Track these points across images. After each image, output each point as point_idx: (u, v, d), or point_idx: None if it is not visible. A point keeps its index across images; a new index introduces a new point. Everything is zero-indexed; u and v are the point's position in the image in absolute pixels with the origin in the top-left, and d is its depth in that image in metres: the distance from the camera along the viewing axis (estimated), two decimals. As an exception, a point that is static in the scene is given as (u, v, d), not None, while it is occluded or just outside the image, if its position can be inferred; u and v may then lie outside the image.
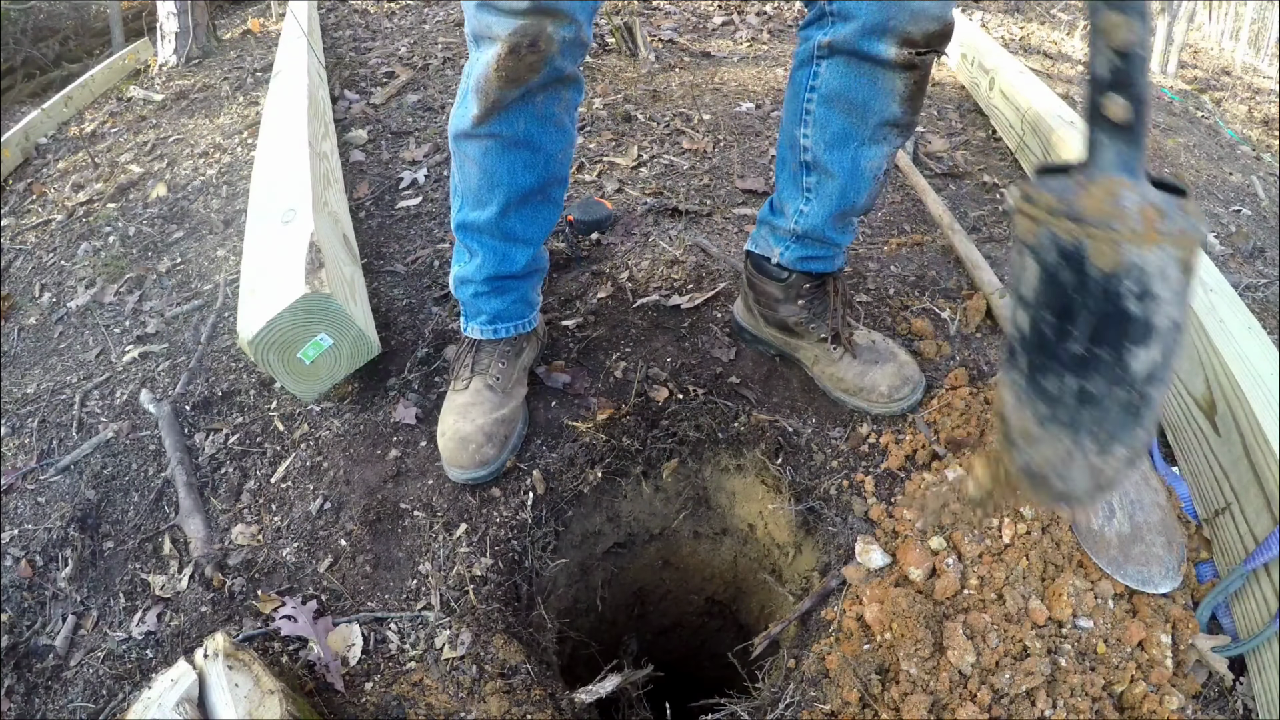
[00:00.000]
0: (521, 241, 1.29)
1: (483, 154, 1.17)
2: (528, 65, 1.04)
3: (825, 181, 1.23)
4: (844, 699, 1.05)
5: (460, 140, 1.17)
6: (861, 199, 1.25)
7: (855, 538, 1.23)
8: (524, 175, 1.19)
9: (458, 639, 1.14)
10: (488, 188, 1.20)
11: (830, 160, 1.20)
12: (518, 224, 1.26)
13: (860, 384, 1.37)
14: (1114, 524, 1.15)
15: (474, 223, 1.26)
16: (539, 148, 1.17)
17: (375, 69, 2.92)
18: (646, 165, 2.19)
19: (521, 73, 1.05)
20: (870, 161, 1.20)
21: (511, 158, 1.17)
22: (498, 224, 1.25)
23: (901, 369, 1.37)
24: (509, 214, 1.24)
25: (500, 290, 1.34)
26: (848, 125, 1.16)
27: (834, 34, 1.09)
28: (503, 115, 1.11)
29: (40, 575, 1.27)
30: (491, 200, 1.22)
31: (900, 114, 1.14)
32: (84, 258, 2.10)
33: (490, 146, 1.15)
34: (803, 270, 1.36)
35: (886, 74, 1.09)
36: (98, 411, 1.55)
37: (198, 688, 0.97)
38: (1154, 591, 1.10)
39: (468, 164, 1.20)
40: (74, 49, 4.57)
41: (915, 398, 1.37)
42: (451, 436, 1.30)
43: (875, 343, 1.41)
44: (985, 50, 2.59)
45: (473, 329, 1.38)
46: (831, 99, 1.15)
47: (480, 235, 1.27)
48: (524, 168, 1.18)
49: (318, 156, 1.83)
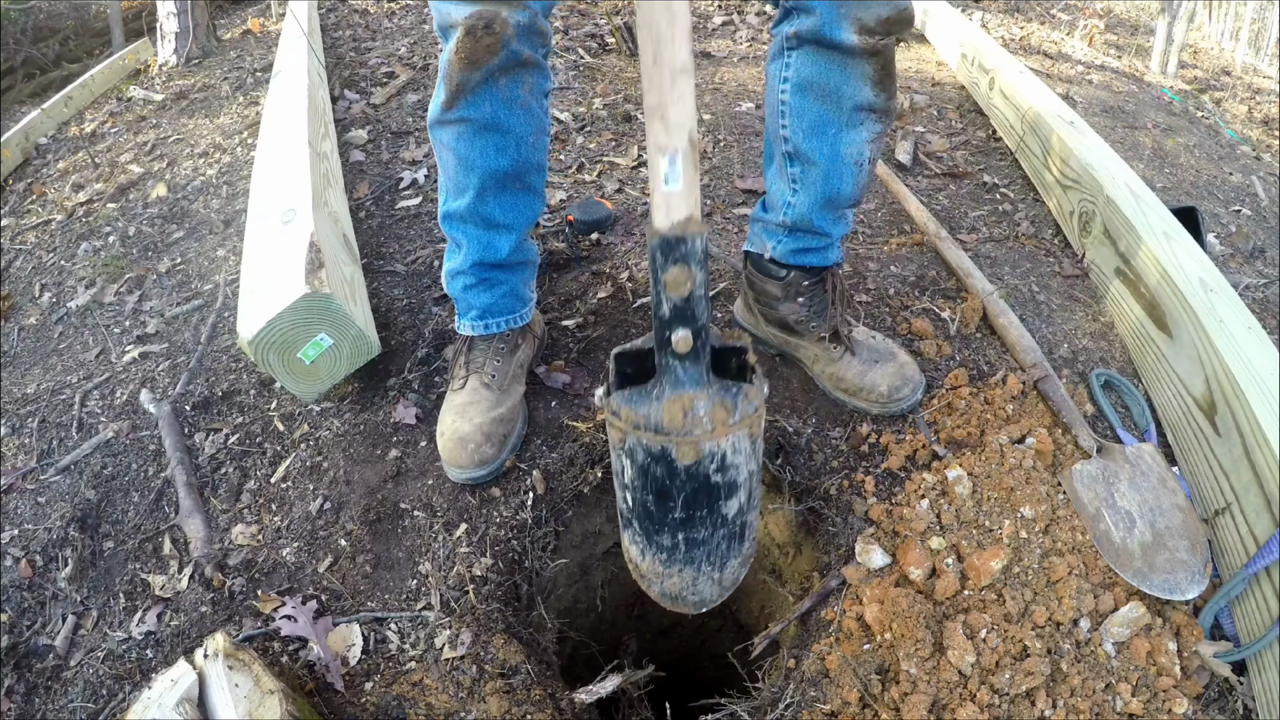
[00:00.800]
0: (502, 228, 1.31)
1: (455, 139, 1.20)
2: (485, 47, 1.10)
3: (809, 170, 1.26)
4: (844, 699, 1.05)
5: (435, 129, 1.21)
6: (847, 186, 1.27)
7: (855, 538, 1.23)
8: (496, 158, 1.22)
9: (458, 639, 1.14)
10: (463, 172, 1.23)
11: (810, 148, 1.23)
12: (496, 210, 1.28)
13: (860, 384, 1.37)
14: (1136, 534, 1.14)
15: (456, 211, 1.28)
16: (508, 130, 1.20)
17: (375, 69, 2.92)
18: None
19: (479, 54, 1.10)
20: (849, 147, 1.23)
21: (483, 141, 1.20)
22: (476, 209, 1.27)
23: (901, 369, 1.37)
24: (486, 199, 1.26)
25: (488, 282, 1.35)
26: (823, 112, 1.20)
27: (798, 25, 1.15)
28: (469, 100, 1.15)
29: (40, 575, 1.27)
30: (469, 186, 1.25)
31: (873, 97, 1.18)
32: (84, 258, 2.10)
33: (462, 131, 1.19)
34: (798, 265, 1.36)
35: (852, 60, 1.14)
36: (98, 411, 1.55)
37: (198, 688, 0.97)
38: (1182, 598, 1.09)
39: (444, 152, 1.24)
40: (74, 49, 4.58)
41: (915, 398, 1.38)
42: (450, 436, 1.30)
43: (875, 342, 1.42)
44: (985, 50, 2.59)
45: (465, 325, 1.39)
46: (804, 87, 1.20)
47: (463, 224, 1.30)
48: (496, 151, 1.22)
49: (318, 156, 1.83)
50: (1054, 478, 1.25)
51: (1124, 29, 4.10)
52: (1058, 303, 1.66)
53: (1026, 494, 1.21)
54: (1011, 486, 1.21)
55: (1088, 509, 1.19)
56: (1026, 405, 1.37)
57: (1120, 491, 1.20)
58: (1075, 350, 1.53)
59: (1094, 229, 1.71)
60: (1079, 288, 1.72)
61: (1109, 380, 1.46)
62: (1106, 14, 4.14)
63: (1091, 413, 1.39)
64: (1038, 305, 1.64)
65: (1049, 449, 1.28)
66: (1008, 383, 1.40)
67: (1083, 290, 1.71)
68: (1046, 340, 1.53)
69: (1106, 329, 1.60)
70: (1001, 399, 1.37)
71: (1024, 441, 1.31)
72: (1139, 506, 1.17)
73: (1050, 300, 1.66)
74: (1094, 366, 1.49)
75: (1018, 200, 2.06)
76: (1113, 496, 1.19)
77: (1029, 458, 1.26)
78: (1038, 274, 1.75)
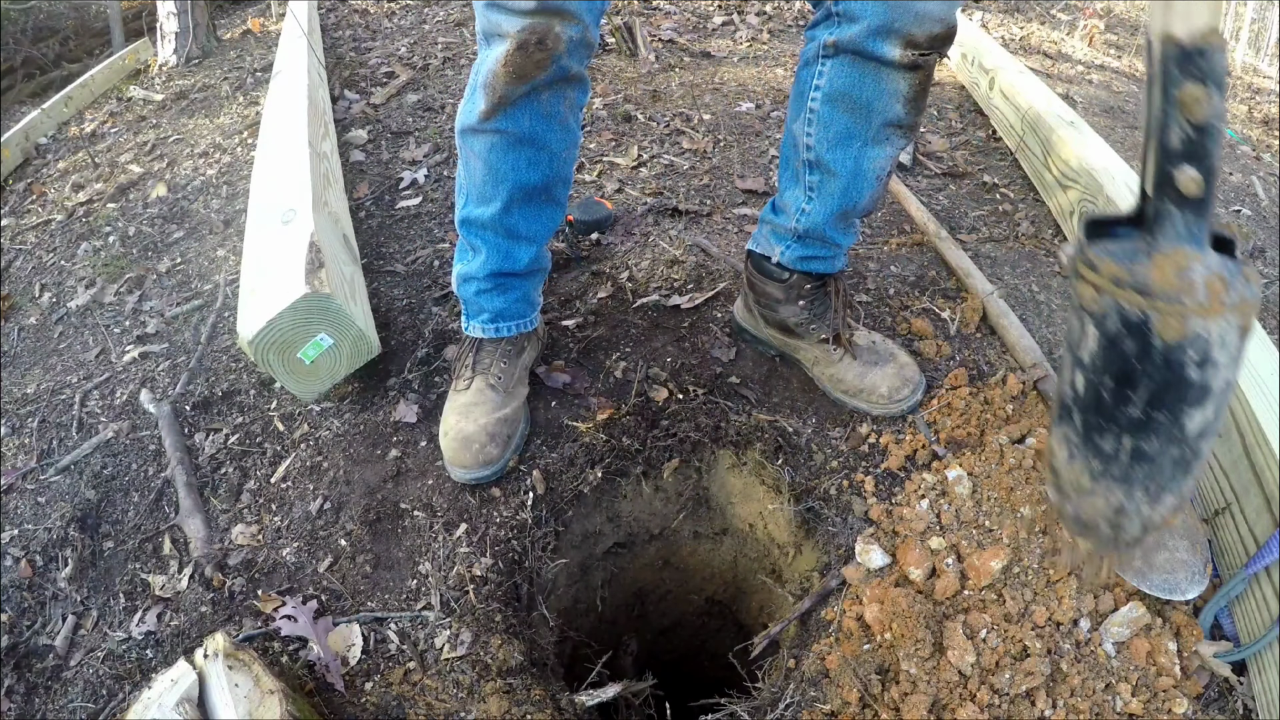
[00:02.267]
0: (524, 239, 1.30)
1: (488, 150, 1.17)
2: (535, 63, 1.06)
3: (828, 181, 1.23)
4: (844, 699, 1.05)
5: (467, 135, 1.18)
6: (864, 200, 1.25)
7: (855, 538, 1.23)
8: (528, 172, 1.20)
9: (458, 639, 1.14)
10: (492, 183, 1.21)
11: (833, 159, 1.20)
12: (521, 221, 1.27)
13: (860, 385, 1.37)
14: None
15: (478, 219, 1.26)
16: (544, 145, 1.18)
17: (375, 69, 2.92)
18: (646, 165, 2.19)
19: (529, 70, 1.07)
20: (874, 162, 1.20)
21: (516, 154, 1.18)
22: (501, 220, 1.25)
23: (901, 370, 1.38)
24: (512, 211, 1.24)
25: (503, 288, 1.34)
26: (851, 125, 1.16)
27: (839, 34, 1.10)
28: (509, 111, 1.12)
29: (40, 575, 1.27)
30: (496, 196, 1.22)
31: (904, 115, 1.14)
32: (84, 258, 2.10)
33: (496, 142, 1.16)
34: (803, 270, 1.36)
35: (890, 74, 1.10)
36: (98, 411, 1.55)
37: (198, 688, 0.97)
38: (1181, 599, 1.08)
39: (473, 160, 1.21)
40: (74, 49, 4.57)
41: (915, 399, 1.38)
42: (454, 437, 1.29)
43: (875, 344, 1.42)
44: (985, 50, 2.59)
45: (474, 328, 1.38)
46: (835, 98, 1.15)
47: (484, 231, 1.28)
48: (528, 165, 1.19)
49: (318, 156, 1.83)
50: (1054, 478, 1.25)
51: (1124, 29, 4.10)
52: (1058, 303, 1.66)
53: (1026, 494, 1.21)
54: (1011, 486, 1.21)
55: (1088, 509, 1.19)
56: (1026, 405, 1.37)
57: (1120, 491, 1.20)
58: (1075, 350, 1.53)
59: (1094, 229, 1.71)
60: (1079, 288, 1.71)
61: (1109, 380, 1.45)
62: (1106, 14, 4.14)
63: (1091, 413, 1.39)
64: (1038, 305, 1.64)
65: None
66: (1008, 383, 1.40)
67: (1083, 290, 1.70)
68: (1046, 340, 1.53)
69: (1106, 329, 1.60)
70: (1001, 399, 1.37)
71: (1024, 441, 1.31)
72: (1139, 507, 1.17)
73: (1050, 300, 1.66)
74: (1094, 366, 1.49)
75: (1018, 200, 2.06)
76: (1113, 496, 1.19)
77: (1029, 458, 1.26)
78: (1038, 274, 1.75)
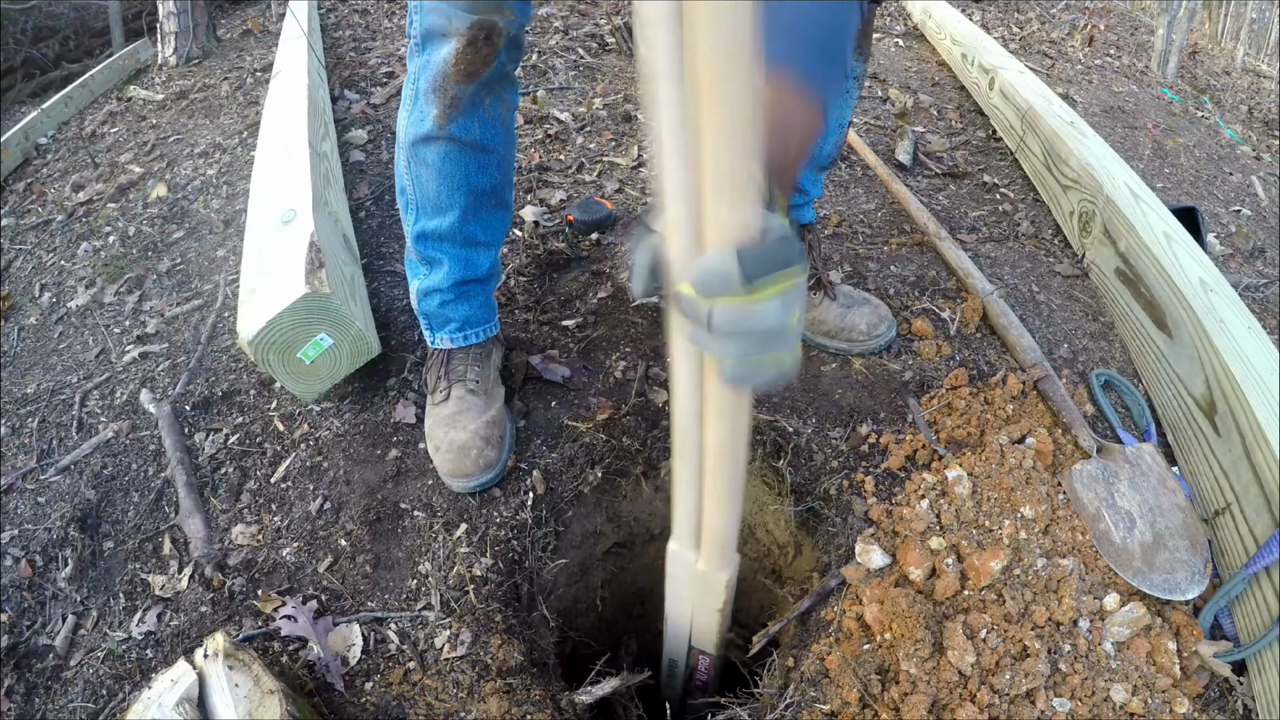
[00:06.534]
0: (483, 245, 1.33)
1: (442, 159, 1.19)
2: (483, 58, 1.10)
3: None
4: (844, 699, 1.05)
5: (419, 146, 1.20)
6: (828, 147, 1.40)
7: (855, 538, 1.22)
8: (479, 177, 1.23)
9: (458, 639, 1.14)
10: (448, 192, 1.23)
11: None
12: (478, 228, 1.29)
13: (841, 325, 1.49)
14: (1135, 534, 1.14)
15: (434, 231, 1.28)
16: (492, 149, 1.21)
17: (375, 69, 2.92)
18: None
19: (477, 66, 1.10)
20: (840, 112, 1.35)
21: (468, 161, 1.20)
22: (460, 229, 1.27)
23: (876, 309, 1.51)
24: (469, 218, 1.26)
25: (467, 295, 1.36)
26: None
27: None
28: (460, 119, 1.15)
29: (40, 575, 1.27)
30: (453, 205, 1.24)
31: (855, 63, 1.27)
32: (84, 258, 2.10)
33: (449, 150, 1.19)
34: None
35: None
36: (98, 411, 1.55)
37: (198, 688, 0.97)
38: (1181, 598, 1.09)
39: (424, 171, 1.22)
40: (74, 49, 4.57)
41: (890, 335, 1.51)
42: (448, 448, 1.29)
43: (849, 291, 1.57)
44: (985, 50, 2.59)
45: (442, 339, 1.39)
46: None
47: (442, 243, 1.29)
48: (479, 169, 1.22)
49: (318, 156, 1.83)
50: (1054, 478, 1.25)
51: (1124, 29, 4.10)
52: (1058, 303, 1.66)
53: (1026, 494, 1.21)
54: (1011, 486, 1.21)
55: (1088, 509, 1.19)
56: (1026, 405, 1.37)
57: (1120, 491, 1.20)
58: (1075, 350, 1.53)
59: (1094, 229, 1.71)
60: (1079, 288, 1.72)
61: (1109, 380, 1.46)
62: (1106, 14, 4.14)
63: (1091, 413, 1.39)
64: (1038, 305, 1.64)
65: (1049, 449, 1.28)
66: (1008, 383, 1.40)
67: (1083, 290, 1.71)
68: (1046, 340, 1.53)
69: (1106, 329, 1.60)
70: (1001, 399, 1.37)
71: (1024, 441, 1.31)
72: (1139, 506, 1.17)
73: (1050, 300, 1.66)
74: (1094, 366, 1.49)
75: (1018, 200, 2.06)
76: (1113, 496, 1.19)
77: (1029, 458, 1.26)
78: (1038, 274, 1.75)
